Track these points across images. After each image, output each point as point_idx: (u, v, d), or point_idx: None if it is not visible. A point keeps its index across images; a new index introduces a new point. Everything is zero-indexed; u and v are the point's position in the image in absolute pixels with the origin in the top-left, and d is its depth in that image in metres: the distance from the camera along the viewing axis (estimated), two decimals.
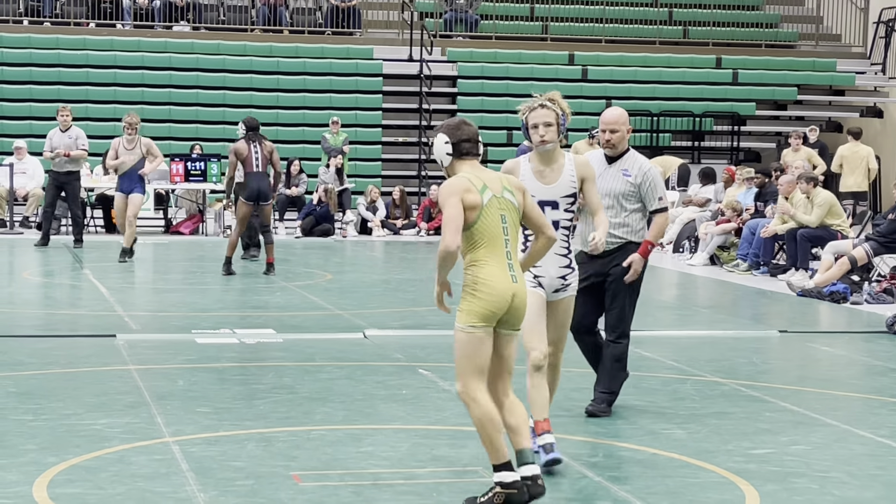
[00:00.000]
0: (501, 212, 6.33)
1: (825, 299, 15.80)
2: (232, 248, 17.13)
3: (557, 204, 7.43)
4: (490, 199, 6.30)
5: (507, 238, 6.34)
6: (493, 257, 6.29)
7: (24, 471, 6.97)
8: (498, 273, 6.27)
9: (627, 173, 8.52)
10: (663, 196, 8.59)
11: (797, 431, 8.46)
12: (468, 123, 6.51)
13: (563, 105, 7.48)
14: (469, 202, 6.23)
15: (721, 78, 30.53)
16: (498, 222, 6.31)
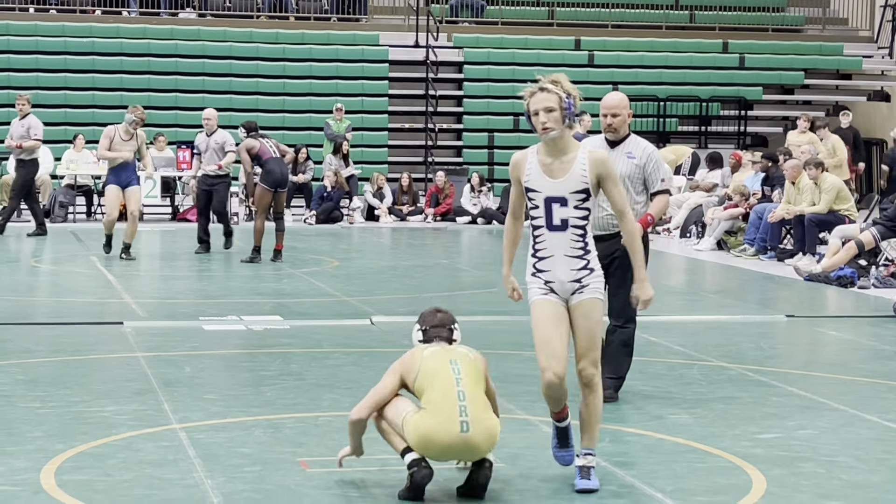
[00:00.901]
0: (451, 357, 6.41)
1: (832, 284, 15.78)
2: (259, 235, 17.19)
3: (566, 200, 6.45)
4: (433, 351, 6.43)
5: (460, 378, 6.31)
6: (438, 402, 6.23)
7: (32, 458, 6.99)
8: (435, 425, 6.20)
9: (632, 156, 8.61)
10: (665, 178, 8.70)
11: (804, 416, 8.46)
12: (443, 311, 6.69)
13: (567, 87, 6.66)
14: (405, 375, 6.44)
15: (728, 62, 30.46)
16: (445, 366, 6.35)
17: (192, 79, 28.15)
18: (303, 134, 27.21)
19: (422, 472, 6.21)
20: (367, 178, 25.63)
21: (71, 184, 23.89)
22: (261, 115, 27.53)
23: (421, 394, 6.34)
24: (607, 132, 8.66)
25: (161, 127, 26.49)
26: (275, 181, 17.12)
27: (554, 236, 6.47)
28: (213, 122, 18.04)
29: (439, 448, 6.21)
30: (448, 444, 6.19)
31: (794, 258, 18.09)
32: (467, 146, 28.68)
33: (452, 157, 28.71)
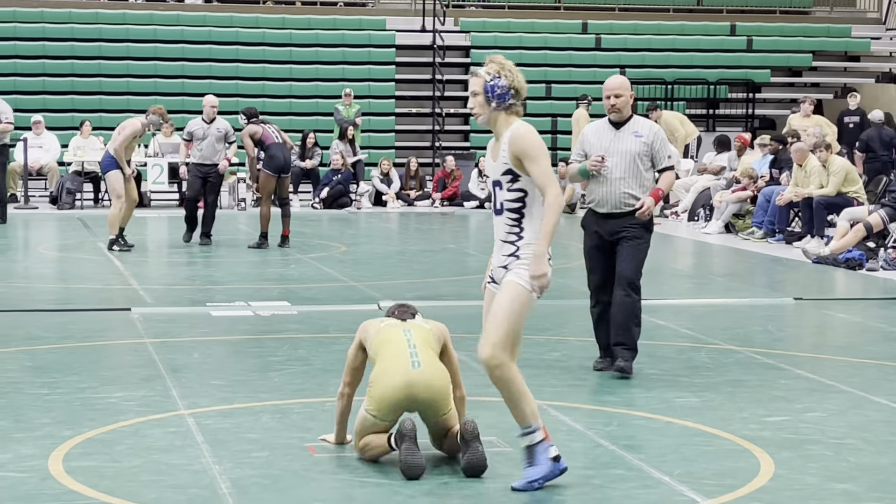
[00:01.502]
0: (404, 328, 6.76)
1: (841, 266, 15.76)
2: (265, 221, 17.18)
3: (500, 183, 6.35)
4: (389, 324, 6.80)
5: (411, 339, 6.65)
6: (391, 355, 6.57)
7: (40, 444, 7.00)
8: (388, 368, 6.53)
9: (639, 134, 9.01)
10: (671, 154, 9.18)
11: (812, 399, 8.45)
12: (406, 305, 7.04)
13: (496, 68, 6.42)
14: (364, 338, 6.83)
15: (735, 45, 30.40)
16: (399, 334, 6.69)
17: (198, 65, 28.14)
18: (310, 119, 27.20)
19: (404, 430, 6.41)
20: (374, 164, 25.61)
21: (78, 170, 23.89)
22: (267, 101, 27.54)
23: (375, 358, 6.68)
24: (611, 113, 9.06)
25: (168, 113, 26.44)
26: (278, 166, 17.10)
27: (496, 220, 6.44)
28: (216, 110, 17.98)
29: (394, 384, 6.47)
30: (401, 375, 6.46)
31: (802, 241, 18.07)
32: (474, 130, 28.65)
33: (459, 142, 28.68)
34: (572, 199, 23.67)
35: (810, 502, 6.15)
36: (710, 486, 6.34)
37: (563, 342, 10.35)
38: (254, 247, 17.08)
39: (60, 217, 21.86)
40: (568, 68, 29.40)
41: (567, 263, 15.87)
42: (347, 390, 6.90)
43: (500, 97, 6.36)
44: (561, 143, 28.00)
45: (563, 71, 29.29)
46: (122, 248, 16.41)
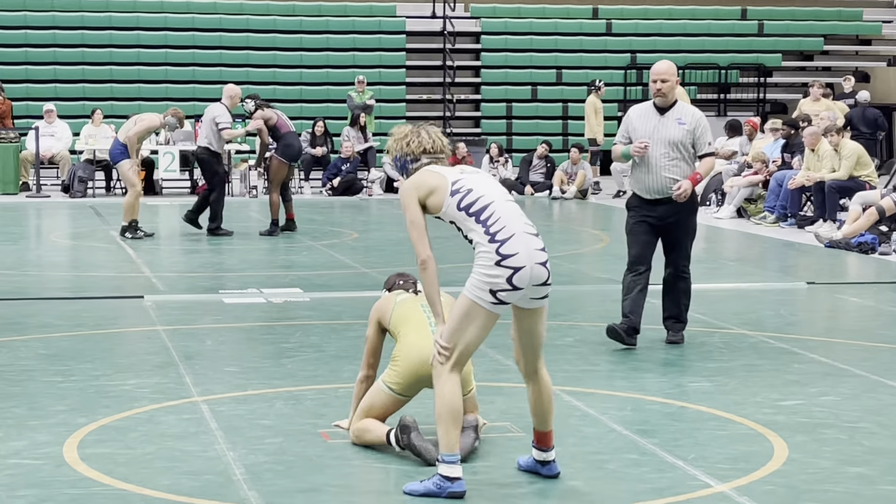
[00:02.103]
0: (421, 302, 6.81)
1: (853, 250, 15.73)
2: (276, 209, 17.18)
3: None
4: (404, 299, 6.90)
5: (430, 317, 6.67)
6: (414, 330, 6.66)
7: (55, 431, 7.01)
8: (412, 346, 6.60)
9: (682, 122, 9.31)
10: (712, 141, 9.50)
11: (826, 383, 8.44)
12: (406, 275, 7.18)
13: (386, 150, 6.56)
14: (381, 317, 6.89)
15: (746, 29, 30.34)
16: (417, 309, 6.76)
17: (209, 52, 28.15)
18: (320, 106, 27.21)
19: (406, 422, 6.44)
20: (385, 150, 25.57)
21: (90, 159, 23.90)
22: (278, 88, 27.56)
23: (396, 334, 6.72)
24: (657, 97, 9.34)
25: (178, 101, 26.49)
26: (293, 154, 17.17)
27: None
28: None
29: (419, 362, 6.51)
30: (426, 357, 6.39)
31: (814, 225, 18.03)
32: (485, 117, 28.64)
33: (470, 128, 28.66)
34: (584, 186, 23.64)
35: (825, 486, 6.15)
36: (723, 470, 6.34)
37: (576, 327, 10.35)
38: (266, 234, 17.09)
39: (72, 205, 21.89)
40: (579, 54, 29.36)
41: (579, 249, 15.87)
42: (371, 372, 6.90)
43: (401, 169, 6.34)
44: (572, 128, 27.98)
45: (573, 56, 29.26)
46: (137, 236, 16.41)
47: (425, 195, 6.08)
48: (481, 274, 5.94)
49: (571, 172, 23.79)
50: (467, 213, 6.00)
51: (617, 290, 12.49)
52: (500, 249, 5.92)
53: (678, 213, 9.41)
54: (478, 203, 6.01)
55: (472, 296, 5.94)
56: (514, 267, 5.91)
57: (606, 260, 15.04)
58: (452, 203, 6.03)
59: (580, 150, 23.87)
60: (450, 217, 6.07)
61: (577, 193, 23.54)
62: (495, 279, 5.90)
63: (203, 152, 17.01)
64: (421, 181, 6.11)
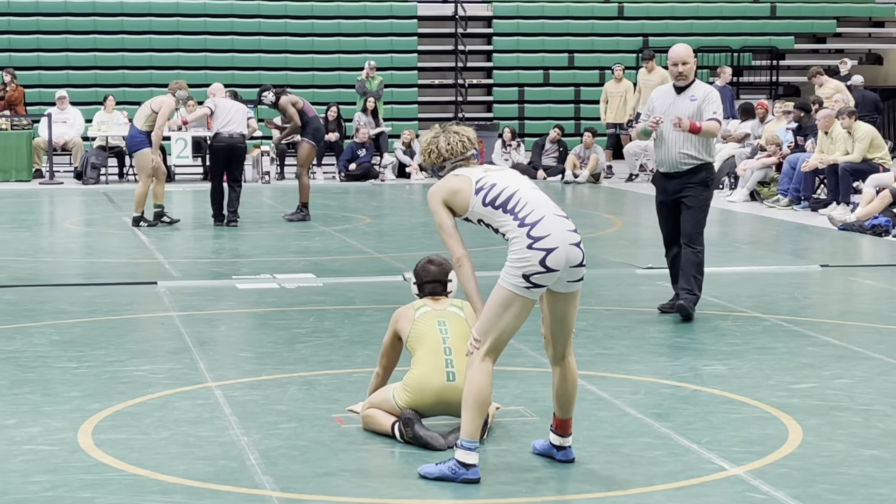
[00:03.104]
0: (439, 318, 6.76)
1: (867, 233, 15.69)
2: (307, 191, 17.17)
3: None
4: (424, 313, 6.77)
5: (447, 337, 6.66)
6: (428, 361, 6.59)
7: (69, 417, 7.03)
8: (423, 374, 6.56)
9: (694, 98, 9.84)
10: (718, 112, 9.80)
11: (840, 365, 8.43)
12: (436, 263, 7.05)
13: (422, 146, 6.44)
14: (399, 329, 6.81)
15: (759, 12, 30.24)
16: (434, 327, 6.66)
17: (221, 38, 28.12)
18: (332, 91, 27.19)
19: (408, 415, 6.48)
20: (397, 136, 25.56)
21: (102, 145, 23.93)
22: (290, 74, 27.55)
23: (413, 353, 6.70)
24: (678, 80, 9.87)
25: (190, 87, 26.47)
26: (321, 138, 17.38)
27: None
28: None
29: (429, 395, 6.52)
30: (436, 390, 6.51)
31: (827, 208, 18.00)
32: (497, 101, 28.60)
33: (482, 113, 28.63)
34: (596, 170, 23.61)
35: (839, 469, 6.14)
36: (738, 454, 6.33)
37: (590, 311, 10.33)
38: (296, 219, 17.00)
39: (85, 192, 21.92)
40: (591, 37, 29.29)
41: (594, 233, 15.85)
42: (382, 373, 6.95)
43: (434, 173, 6.41)
44: (584, 112, 27.93)
45: (585, 40, 29.20)
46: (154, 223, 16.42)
47: (450, 198, 6.14)
48: (514, 260, 5.92)
49: (584, 157, 23.76)
50: (493, 207, 6.02)
51: (630, 273, 12.53)
52: (530, 232, 5.91)
53: (689, 186, 9.86)
54: (503, 194, 6.03)
55: (505, 284, 5.93)
56: (547, 248, 5.89)
57: (620, 244, 15.03)
58: (478, 201, 6.06)
59: (593, 134, 23.83)
60: (477, 215, 6.10)
61: (590, 177, 23.50)
62: (528, 263, 5.87)
63: (241, 140, 16.84)
64: (445, 186, 6.18)
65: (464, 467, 5.87)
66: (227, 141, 16.40)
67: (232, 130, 16.44)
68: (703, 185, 9.92)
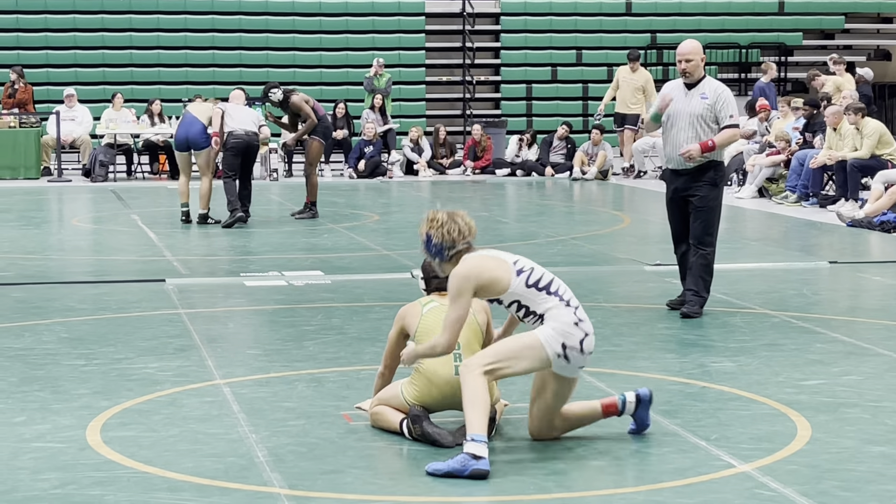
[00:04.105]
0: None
1: (875, 229, 15.67)
2: (316, 189, 17.19)
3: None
4: (432, 308, 6.72)
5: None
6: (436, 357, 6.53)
7: (78, 415, 7.04)
8: (430, 370, 6.57)
9: (705, 96, 9.75)
10: (734, 114, 9.73)
11: (848, 362, 8.42)
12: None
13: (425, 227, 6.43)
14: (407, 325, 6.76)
15: (767, 8, 30.20)
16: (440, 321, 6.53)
17: (229, 35, 28.14)
18: (340, 89, 27.18)
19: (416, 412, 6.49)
20: (405, 133, 25.55)
21: (111, 143, 23.95)
22: (298, 71, 27.56)
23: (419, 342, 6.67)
24: (683, 76, 9.80)
25: (198, 85, 26.54)
26: (329, 135, 17.42)
27: None
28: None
29: (437, 389, 6.51)
30: (444, 383, 6.50)
31: (836, 204, 17.97)
32: (505, 98, 28.59)
33: (490, 110, 28.62)
34: (604, 167, 23.59)
35: (848, 465, 6.14)
36: (746, 451, 6.33)
37: (597, 308, 10.33)
38: (305, 217, 17.03)
39: (94, 189, 21.95)
40: (599, 34, 29.28)
41: (602, 230, 15.85)
42: (387, 372, 6.93)
43: (437, 253, 6.42)
44: (592, 109, 27.90)
45: (593, 37, 29.18)
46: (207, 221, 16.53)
47: (486, 283, 6.22)
48: (560, 324, 6.21)
49: (592, 153, 23.75)
50: (537, 289, 6.26)
51: (639, 270, 12.52)
52: (577, 312, 6.29)
53: (698, 184, 9.81)
54: (544, 279, 6.31)
55: (542, 337, 6.20)
56: (587, 332, 6.30)
57: (628, 240, 15.03)
58: (520, 282, 6.25)
59: (601, 130, 23.81)
60: (515, 296, 6.25)
61: (598, 174, 23.49)
62: (571, 337, 6.22)
63: (256, 138, 16.84)
64: (479, 269, 6.23)
65: (474, 458, 5.90)
66: (243, 138, 16.43)
67: (246, 128, 16.49)
68: (712, 183, 9.84)
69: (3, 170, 23.33)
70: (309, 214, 17.11)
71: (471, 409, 5.99)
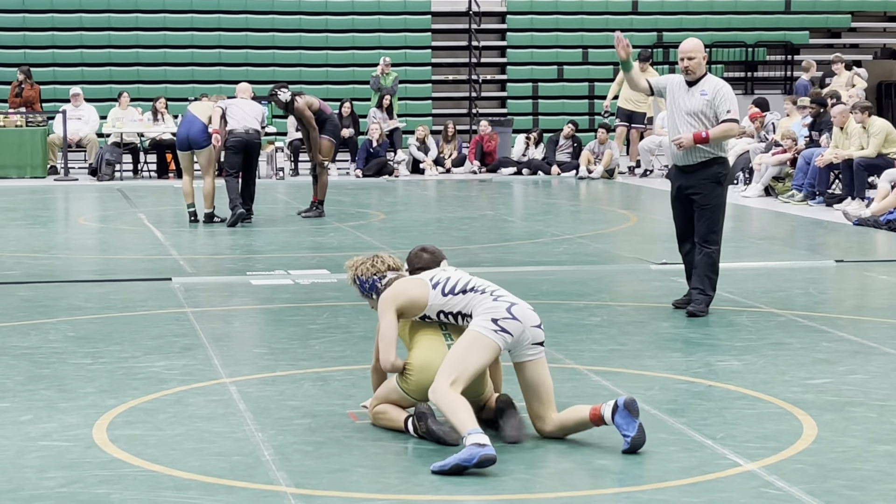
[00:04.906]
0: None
1: (882, 228, 15.66)
2: (325, 189, 17.21)
3: None
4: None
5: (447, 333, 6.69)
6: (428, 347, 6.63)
7: (84, 413, 7.05)
8: (424, 351, 6.60)
9: (704, 93, 9.78)
10: (732, 109, 9.72)
11: (855, 361, 8.41)
12: (429, 251, 7.09)
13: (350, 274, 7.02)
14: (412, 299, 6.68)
15: (773, 6, 30.18)
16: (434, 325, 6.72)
17: (234, 35, 28.16)
18: (346, 88, 27.19)
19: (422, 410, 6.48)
20: (411, 131, 25.55)
21: (117, 142, 23.98)
22: (304, 70, 27.57)
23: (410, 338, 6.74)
24: (685, 74, 9.83)
25: (204, 84, 26.56)
26: (339, 133, 17.45)
27: None
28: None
29: (432, 374, 6.46)
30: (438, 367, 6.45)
31: (842, 203, 17.96)
32: (511, 97, 28.58)
33: (496, 108, 28.62)
34: (610, 165, 23.58)
35: (854, 464, 6.13)
36: (752, 449, 6.33)
37: (603, 307, 10.33)
38: (311, 216, 17.04)
39: (100, 188, 21.96)
40: (605, 32, 29.25)
41: (606, 229, 15.85)
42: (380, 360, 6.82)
43: (372, 288, 6.89)
44: (598, 108, 27.89)
45: (600, 35, 29.16)
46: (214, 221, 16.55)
47: (406, 303, 6.58)
48: (482, 308, 6.46)
49: (598, 152, 23.73)
50: (454, 294, 6.55)
51: (645, 269, 12.52)
52: (494, 293, 6.52)
53: (702, 182, 9.82)
54: (460, 283, 6.59)
55: (475, 326, 6.42)
56: (512, 302, 6.48)
57: (634, 239, 15.02)
58: (437, 294, 6.57)
59: (607, 129, 23.81)
60: (438, 307, 6.56)
61: (604, 173, 23.48)
62: (496, 309, 6.42)
63: (257, 136, 16.81)
64: (398, 292, 6.62)
65: (479, 447, 5.94)
66: (243, 137, 16.41)
67: (247, 126, 16.47)
68: (716, 181, 9.82)
69: (10, 169, 23.36)
70: (315, 213, 17.12)
71: (453, 416, 6.14)
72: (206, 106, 16.58)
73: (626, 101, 24.10)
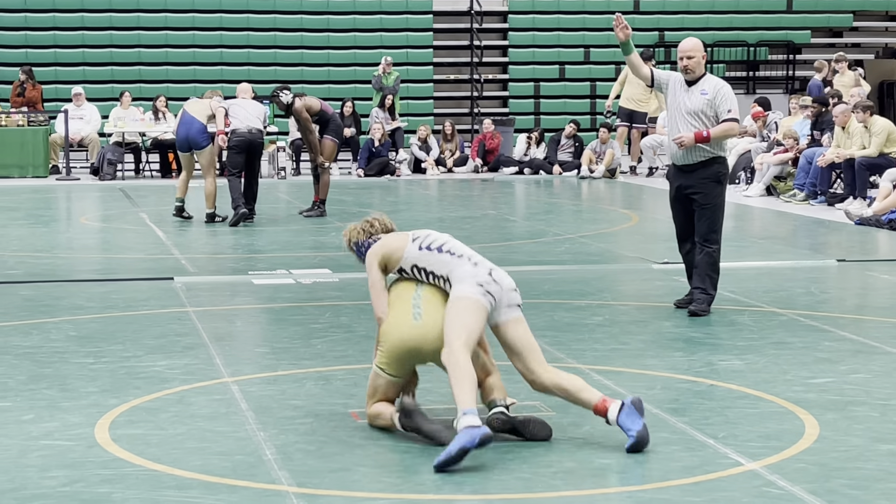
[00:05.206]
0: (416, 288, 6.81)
1: (884, 227, 15.66)
2: (327, 189, 17.23)
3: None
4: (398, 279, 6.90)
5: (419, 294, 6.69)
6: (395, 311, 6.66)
7: (86, 413, 7.05)
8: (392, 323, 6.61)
9: (705, 92, 9.77)
10: (732, 109, 9.72)
11: (857, 360, 8.41)
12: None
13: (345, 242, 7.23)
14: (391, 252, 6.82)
15: (775, 6, 30.17)
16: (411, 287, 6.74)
17: (236, 34, 28.16)
18: (348, 87, 27.19)
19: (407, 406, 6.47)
20: (413, 131, 25.54)
21: (119, 141, 23.99)
22: (305, 70, 27.57)
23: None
24: (684, 73, 9.82)
25: (206, 83, 26.55)
26: (341, 133, 17.44)
27: None
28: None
29: (397, 341, 6.51)
30: (404, 333, 6.51)
31: (844, 202, 17.96)
32: (513, 96, 28.58)
33: (498, 108, 28.62)
34: (612, 165, 23.58)
35: (856, 463, 6.13)
36: (754, 449, 6.32)
37: (605, 306, 10.33)
38: (313, 215, 17.06)
39: (102, 188, 21.97)
40: (607, 32, 29.23)
41: (608, 228, 15.85)
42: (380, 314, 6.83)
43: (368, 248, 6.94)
44: (600, 107, 27.89)
45: (601, 35, 29.15)
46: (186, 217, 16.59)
47: (388, 254, 6.74)
48: (463, 274, 6.54)
49: (600, 152, 23.73)
50: (428, 250, 6.66)
51: (646, 268, 12.52)
52: (472, 258, 6.62)
53: (701, 181, 9.82)
54: (437, 241, 6.71)
55: (461, 292, 6.48)
56: (490, 268, 6.59)
57: (636, 239, 15.02)
58: (414, 247, 6.70)
59: (608, 129, 23.81)
60: (412, 260, 6.67)
61: (606, 173, 23.48)
62: (478, 275, 6.52)
63: (259, 135, 16.81)
64: (381, 245, 6.82)
65: (474, 429, 5.98)
66: (246, 136, 16.42)
67: (250, 125, 16.48)
68: (716, 181, 9.83)
69: (12, 168, 23.37)
70: (317, 213, 17.13)
71: (457, 386, 6.18)
72: (203, 105, 16.56)
73: (627, 100, 24.10)
